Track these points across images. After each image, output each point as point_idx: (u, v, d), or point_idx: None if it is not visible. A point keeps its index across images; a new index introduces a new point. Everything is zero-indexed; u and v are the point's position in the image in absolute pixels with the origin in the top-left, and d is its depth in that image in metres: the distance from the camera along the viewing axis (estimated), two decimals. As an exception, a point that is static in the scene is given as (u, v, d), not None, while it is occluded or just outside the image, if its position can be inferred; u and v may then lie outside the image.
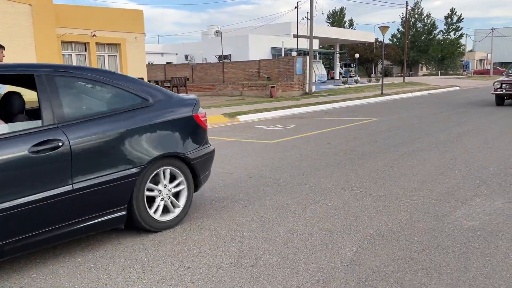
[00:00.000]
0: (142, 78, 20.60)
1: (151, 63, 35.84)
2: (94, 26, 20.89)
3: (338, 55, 48.52)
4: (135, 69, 22.60)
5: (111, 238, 3.46)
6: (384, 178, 5.18)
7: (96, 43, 21.32)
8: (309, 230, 3.54)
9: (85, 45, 21.23)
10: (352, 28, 67.26)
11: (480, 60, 78.46)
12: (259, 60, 27.50)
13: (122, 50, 22.36)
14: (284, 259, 3.01)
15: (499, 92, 14.80)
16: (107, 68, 22.34)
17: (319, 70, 37.28)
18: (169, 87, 21.42)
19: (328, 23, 65.83)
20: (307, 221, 3.74)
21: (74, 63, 21.01)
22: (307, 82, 23.72)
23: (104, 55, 22.27)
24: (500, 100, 15.13)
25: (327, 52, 49.24)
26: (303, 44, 34.13)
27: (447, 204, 4.11)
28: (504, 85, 14.83)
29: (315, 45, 38.47)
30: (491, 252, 3.02)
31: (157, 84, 21.30)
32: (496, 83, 15.20)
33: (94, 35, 20.79)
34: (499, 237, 3.27)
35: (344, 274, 2.76)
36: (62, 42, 19.77)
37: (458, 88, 29.44)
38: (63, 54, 20.22)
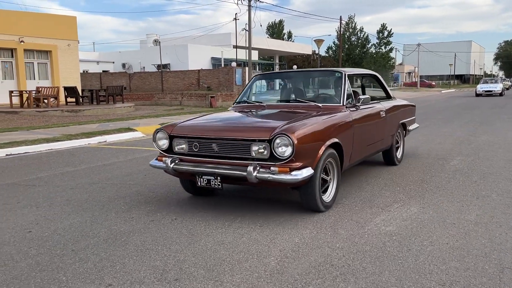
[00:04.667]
0: (75, 87, 19.75)
1: (86, 71, 34.48)
2: (23, 31, 19.77)
3: (277, 66, 49.59)
4: (68, 77, 21.64)
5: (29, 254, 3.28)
6: (313, 187, 5.35)
7: (25, 50, 20.20)
8: (236, 241, 3.58)
9: (11, 51, 20.01)
10: (291, 40, 69.15)
11: (409, 73, 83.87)
12: (199, 70, 27.43)
13: (54, 58, 21.34)
14: (209, 271, 3.01)
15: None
16: (36, 76, 21.19)
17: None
18: (104, 96, 20.69)
19: (267, 35, 67.17)
20: (236, 232, 3.78)
21: (-1, 70, 19.73)
22: (247, 92, 23.98)
23: (33, 62, 21.14)
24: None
25: (266, 63, 50.11)
26: (242, 55, 34.53)
27: (369, 211, 4.34)
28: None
29: (255, 56, 39.07)
30: (404, 255, 3.23)
31: (91, 93, 20.53)
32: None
33: (22, 41, 19.68)
34: (412, 241, 3.50)
35: (267, 284, 2.82)
36: (-15, 47, 18.50)
37: (388, 99, 31.11)
38: (-14, 61, 18.93)
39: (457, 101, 26.27)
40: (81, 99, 19.81)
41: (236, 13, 34.08)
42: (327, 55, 68.77)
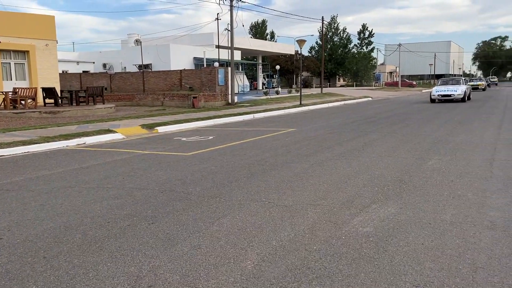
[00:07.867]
0: (54, 88, 19.38)
1: (66, 71, 33.85)
2: (-1, 31, 19.26)
3: (260, 66, 49.60)
4: (46, 77, 21.20)
5: (-2, 266, 3.17)
6: (292, 188, 5.35)
7: (1, 50, 19.68)
8: (213, 245, 3.54)
9: (-13, 51, 19.47)
10: (273, 40, 69.23)
11: (390, 73, 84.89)
12: (181, 70, 27.20)
13: (31, 58, 20.87)
14: (184, 276, 2.97)
15: None
16: (13, 77, 20.70)
17: (241, 80, 37.78)
18: (84, 97, 20.36)
19: (250, 35, 67.11)
20: (213, 236, 3.75)
21: (-26, 71, 19.21)
22: (230, 92, 23.91)
23: (10, 63, 20.62)
24: None
25: (250, 63, 50.08)
26: (225, 55, 34.39)
27: (347, 212, 4.35)
28: None
29: (238, 56, 38.95)
30: (380, 256, 3.24)
31: (71, 94, 20.19)
32: None
33: (-2, 41, 19.16)
34: (389, 242, 3.52)
35: (242, 288, 2.79)
36: (-41, 47, 17.96)
37: (370, 98, 31.49)
38: (-39, 61, 18.39)
39: (414, 106, 26.46)
40: (60, 100, 19.44)
41: (218, 13, 34.00)
42: (310, 55, 69.13)
